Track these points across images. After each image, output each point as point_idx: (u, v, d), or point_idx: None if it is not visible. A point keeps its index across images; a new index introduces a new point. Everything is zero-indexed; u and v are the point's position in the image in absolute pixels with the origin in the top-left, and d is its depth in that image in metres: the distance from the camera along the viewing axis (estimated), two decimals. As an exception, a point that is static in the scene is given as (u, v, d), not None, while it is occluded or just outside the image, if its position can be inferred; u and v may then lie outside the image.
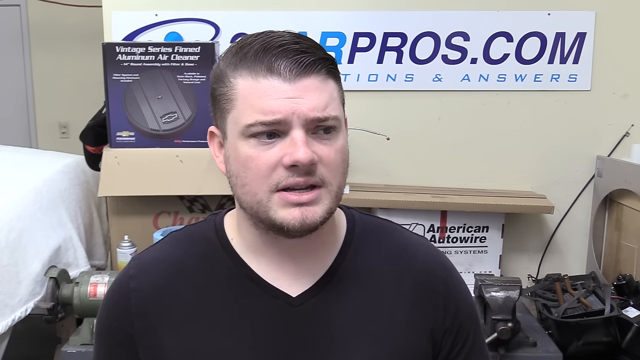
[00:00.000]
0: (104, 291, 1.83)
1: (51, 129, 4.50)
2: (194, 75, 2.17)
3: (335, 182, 0.87)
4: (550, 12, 2.37)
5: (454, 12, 2.37)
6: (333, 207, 0.87)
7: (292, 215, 0.84)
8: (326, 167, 0.85)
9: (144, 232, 2.19)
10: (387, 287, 0.95)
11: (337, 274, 0.94)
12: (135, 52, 2.16)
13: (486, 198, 2.31)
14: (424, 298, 0.95)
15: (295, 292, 0.92)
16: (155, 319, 0.92)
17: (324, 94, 0.85)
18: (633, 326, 1.89)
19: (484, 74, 2.39)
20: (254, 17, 2.37)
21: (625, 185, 2.25)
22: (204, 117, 2.18)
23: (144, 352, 0.93)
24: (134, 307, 0.93)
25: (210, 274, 0.93)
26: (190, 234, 0.99)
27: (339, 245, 0.96)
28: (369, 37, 2.38)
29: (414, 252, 0.99)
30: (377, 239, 0.99)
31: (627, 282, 2.01)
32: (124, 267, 0.99)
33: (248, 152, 0.85)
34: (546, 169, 2.47)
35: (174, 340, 0.91)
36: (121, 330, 0.94)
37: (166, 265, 0.95)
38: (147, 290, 0.93)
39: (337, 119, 0.86)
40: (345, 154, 0.89)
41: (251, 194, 0.86)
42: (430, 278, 0.97)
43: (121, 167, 2.18)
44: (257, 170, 0.84)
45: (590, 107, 2.43)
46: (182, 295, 0.93)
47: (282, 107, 0.83)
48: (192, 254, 0.96)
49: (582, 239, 2.50)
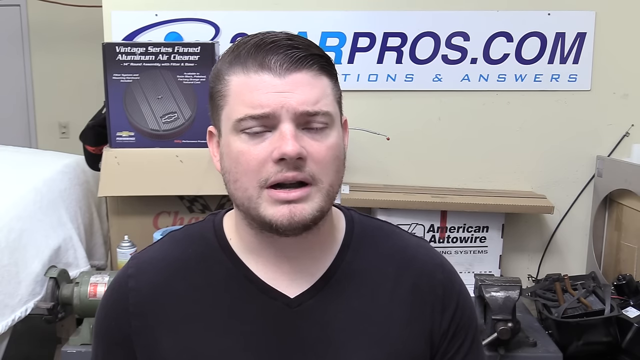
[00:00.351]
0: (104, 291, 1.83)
1: (51, 129, 4.50)
2: (194, 75, 2.17)
3: (327, 179, 0.85)
4: (550, 12, 2.37)
5: (454, 12, 2.37)
6: (325, 205, 0.86)
7: (280, 212, 0.84)
8: (316, 163, 0.84)
9: (144, 232, 2.19)
10: (385, 289, 0.94)
11: (335, 276, 0.93)
12: (135, 52, 2.16)
13: (486, 198, 2.31)
14: (422, 300, 0.95)
15: (293, 293, 0.91)
16: (153, 318, 0.92)
17: (315, 89, 0.84)
18: (633, 326, 1.89)
19: (484, 74, 2.39)
20: (254, 17, 2.37)
21: (625, 185, 2.25)
22: (204, 117, 2.18)
23: (141, 351, 0.93)
24: (131, 307, 0.93)
25: (209, 274, 0.93)
26: (189, 234, 0.99)
27: (338, 246, 0.95)
28: (369, 37, 2.38)
29: (412, 254, 0.98)
30: (376, 240, 0.98)
31: (627, 282, 2.01)
32: (123, 266, 0.99)
33: (239, 147, 0.85)
34: (546, 169, 2.47)
35: (171, 340, 0.91)
36: (119, 330, 0.94)
37: (165, 265, 0.95)
38: (145, 289, 0.93)
39: (328, 114, 0.85)
40: (339, 151, 0.88)
41: (242, 189, 0.85)
42: (429, 280, 0.96)
43: (121, 167, 2.18)
44: (247, 165, 0.84)
45: (590, 107, 2.43)
46: (180, 295, 0.92)
47: (271, 101, 0.83)
48: (190, 253, 0.95)
49: (582, 239, 2.50)
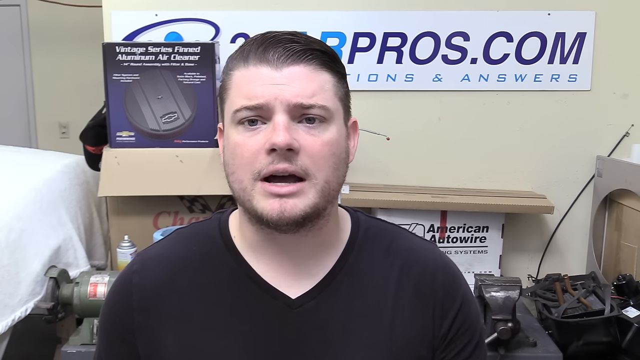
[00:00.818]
0: (104, 291, 1.83)
1: (51, 129, 4.50)
2: (194, 75, 2.17)
3: (321, 175, 0.85)
4: (550, 12, 2.37)
5: (454, 12, 2.37)
6: (319, 202, 0.85)
7: (271, 206, 0.84)
8: (310, 157, 0.84)
9: (144, 232, 2.19)
10: (387, 292, 0.94)
11: (338, 277, 0.93)
12: (135, 52, 2.16)
13: (486, 198, 2.31)
14: (424, 303, 0.94)
15: (295, 294, 0.91)
16: (156, 315, 0.92)
17: (312, 82, 0.84)
18: (633, 326, 1.89)
19: (484, 74, 2.39)
20: (253, 17, 2.37)
21: (625, 185, 2.25)
22: (204, 117, 2.18)
23: (143, 347, 0.93)
24: (135, 302, 0.93)
25: (212, 273, 0.93)
26: (195, 232, 0.99)
27: (342, 247, 0.95)
28: (369, 37, 2.38)
29: (416, 256, 0.98)
30: (381, 242, 0.98)
31: (627, 282, 2.01)
32: (129, 262, 0.99)
33: (236, 139, 0.86)
34: (546, 169, 2.47)
35: (173, 337, 0.91)
36: (123, 326, 0.94)
37: (169, 262, 0.95)
38: (149, 286, 0.94)
39: (325, 109, 0.85)
40: (337, 148, 0.87)
41: (238, 181, 0.86)
42: (430, 282, 0.96)
43: (121, 167, 2.18)
44: (242, 157, 0.85)
45: (590, 107, 2.43)
46: (183, 293, 0.93)
47: (266, 92, 0.83)
48: (195, 251, 0.95)
49: (582, 239, 2.50)
